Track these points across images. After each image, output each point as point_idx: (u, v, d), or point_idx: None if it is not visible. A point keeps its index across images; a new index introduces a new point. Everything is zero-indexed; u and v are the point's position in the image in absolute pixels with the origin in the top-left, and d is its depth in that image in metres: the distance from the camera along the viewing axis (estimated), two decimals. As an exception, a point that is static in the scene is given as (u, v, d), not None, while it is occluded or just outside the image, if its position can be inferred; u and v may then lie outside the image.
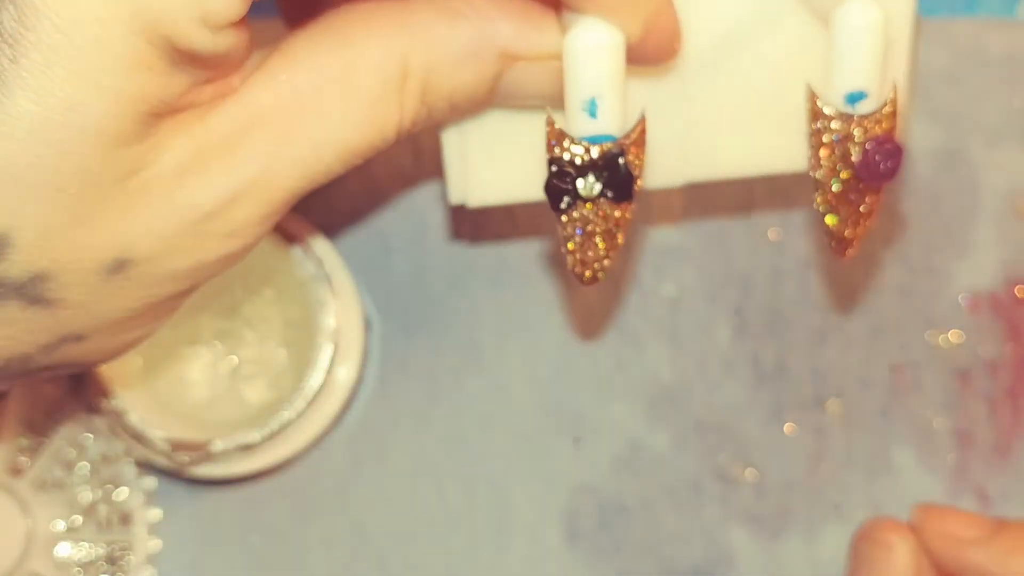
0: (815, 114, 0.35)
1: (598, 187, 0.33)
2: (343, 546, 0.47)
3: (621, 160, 0.33)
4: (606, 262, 0.35)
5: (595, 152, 0.33)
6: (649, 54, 0.34)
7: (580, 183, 0.33)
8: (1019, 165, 0.48)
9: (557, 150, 0.33)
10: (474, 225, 0.47)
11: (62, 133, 0.29)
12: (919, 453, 0.47)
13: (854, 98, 0.35)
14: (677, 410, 0.47)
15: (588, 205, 0.34)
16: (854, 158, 0.35)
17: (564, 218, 0.34)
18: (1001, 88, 0.49)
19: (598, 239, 0.34)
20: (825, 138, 0.35)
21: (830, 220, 0.36)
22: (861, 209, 0.36)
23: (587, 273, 0.35)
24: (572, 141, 0.33)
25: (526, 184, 0.38)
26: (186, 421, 0.44)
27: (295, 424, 0.43)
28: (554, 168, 0.33)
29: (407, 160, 0.47)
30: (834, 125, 0.35)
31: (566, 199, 0.33)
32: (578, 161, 0.33)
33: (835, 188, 0.35)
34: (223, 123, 0.31)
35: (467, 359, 0.47)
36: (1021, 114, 0.49)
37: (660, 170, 0.38)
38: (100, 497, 0.45)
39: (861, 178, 0.35)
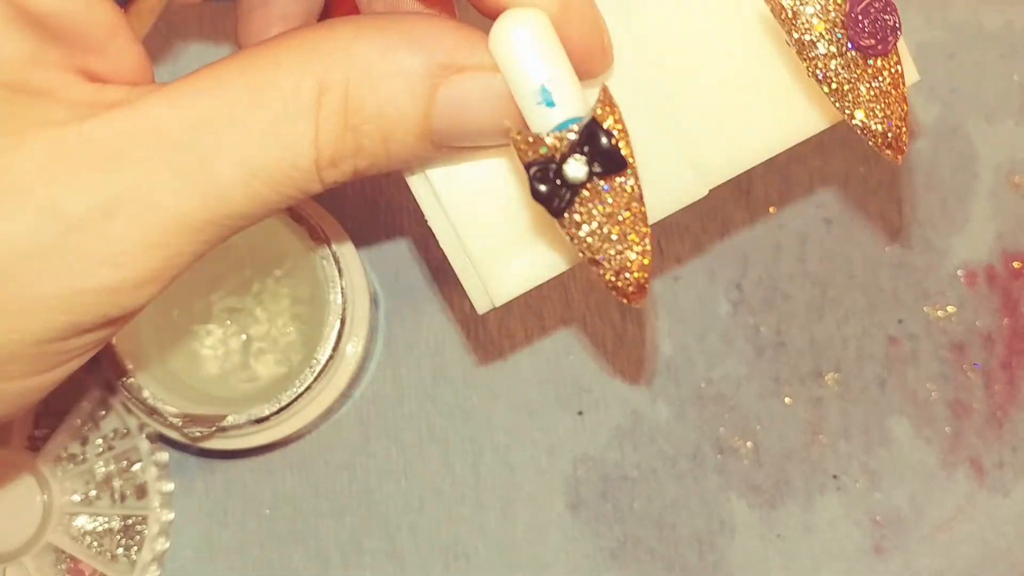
0: (779, 10, 0.31)
1: (584, 164, 0.30)
2: (352, 516, 0.48)
3: (598, 129, 0.29)
4: (645, 260, 0.31)
5: (569, 137, 0.29)
6: (575, 41, 0.30)
7: (566, 169, 0.30)
8: (1017, 140, 0.49)
9: (530, 154, 0.30)
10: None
11: None
12: (915, 424, 0.48)
13: None
14: (678, 383, 0.48)
15: (586, 192, 0.30)
16: (844, 31, 0.31)
17: (571, 227, 0.30)
18: (999, 63, 0.49)
19: (629, 232, 0.30)
20: (802, 23, 0.31)
21: (862, 115, 0.31)
22: (885, 86, 0.31)
23: (628, 284, 0.31)
24: (540, 138, 0.29)
25: (544, 265, 0.35)
26: (198, 396, 0.45)
27: (304, 398, 0.44)
28: (534, 172, 0.29)
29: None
30: (801, 4, 0.31)
31: (559, 196, 0.30)
32: (556, 154, 0.30)
33: (843, 71, 0.31)
34: (104, 130, 0.28)
35: (472, 334, 0.48)
36: (1019, 88, 0.49)
37: (676, 191, 0.35)
38: (115, 471, 0.46)
39: (862, 47, 0.31)
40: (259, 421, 0.43)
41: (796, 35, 0.31)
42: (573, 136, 0.29)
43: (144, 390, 0.43)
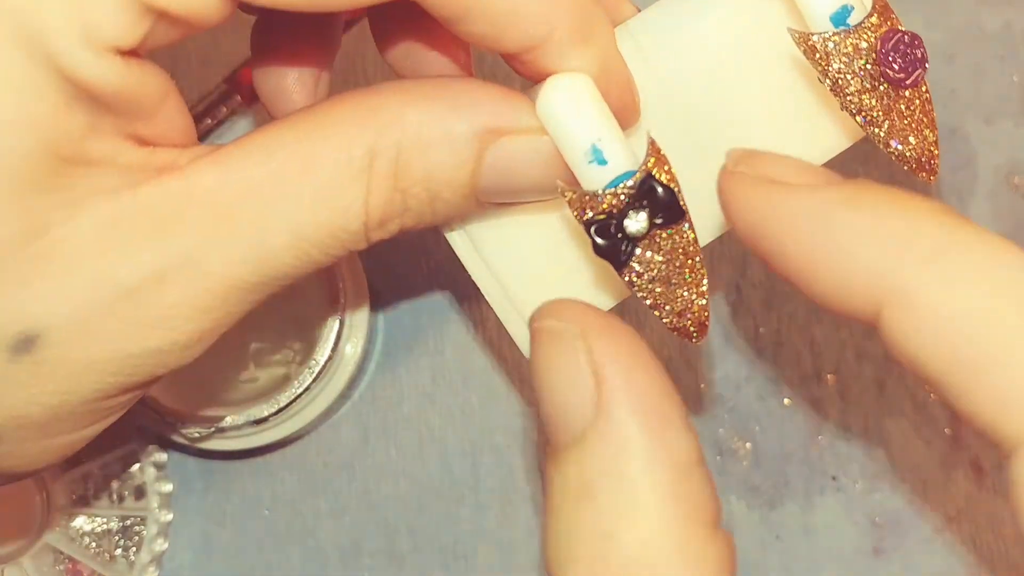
0: (812, 52, 0.32)
1: (645, 218, 0.31)
2: (351, 516, 0.48)
3: (654, 182, 0.31)
4: (703, 300, 0.32)
5: (624, 193, 0.31)
6: (612, 99, 0.32)
7: (627, 224, 0.31)
8: (1016, 140, 0.49)
9: (588, 212, 0.31)
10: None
11: None
12: (914, 425, 0.48)
13: (840, 17, 0.32)
14: (677, 383, 0.48)
15: (646, 241, 0.31)
16: (875, 67, 0.32)
17: (632, 275, 0.32)
18: (998, 64, 0.49)
19: (687, 275, 0.32)
20: (835, 64, 0.32)
21: (896, 144, 0.33)
22: (916, 114, 0.33)
23: (689, 324, 0.32)
24: (596, 195, 0.31)
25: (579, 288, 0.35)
26: (197, 397, 0.45)
27: (303, 399, 0.44)
28: (594, 229, 0.31)
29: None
30: (834, 46, 0.32)
31: (622, 249, 0.31)
32: (614, 210, 0.31)
33: (876, 105, 0.32)
34: (157, 196, 0.28)
35: (471, 334, 0.48)
36: (1018, 89, 0.49)
37: (709, 224, 0.35)
38: (114, 471, 0.46)
39: (894, 80, 0.32)
40: (258, 422, 0.44)
41: (830, 74, 0.32)
42: (630, 191, 0.31)
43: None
